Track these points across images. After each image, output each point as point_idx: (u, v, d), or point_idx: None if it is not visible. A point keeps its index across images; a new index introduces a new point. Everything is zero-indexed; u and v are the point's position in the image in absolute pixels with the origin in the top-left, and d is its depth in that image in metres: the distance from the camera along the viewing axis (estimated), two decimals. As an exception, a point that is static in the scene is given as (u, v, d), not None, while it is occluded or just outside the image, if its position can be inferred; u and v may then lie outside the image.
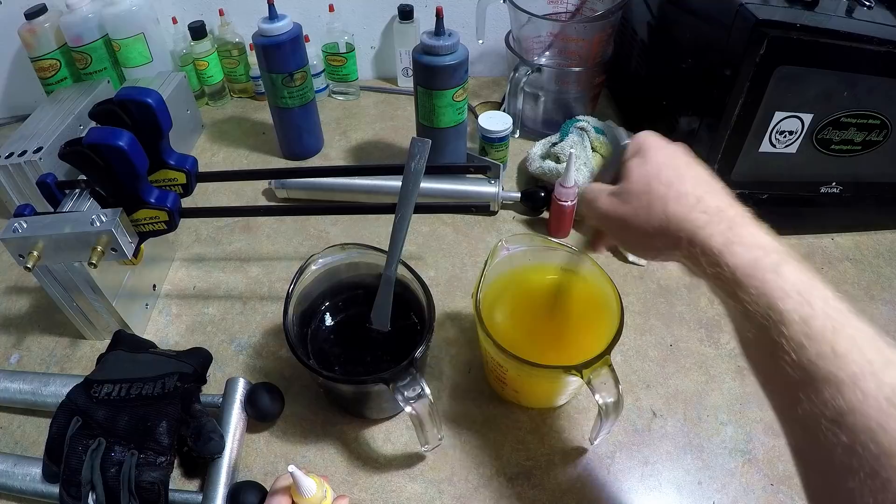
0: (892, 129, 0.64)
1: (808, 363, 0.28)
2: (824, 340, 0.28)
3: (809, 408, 0.28)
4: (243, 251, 0.74)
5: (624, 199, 0.37)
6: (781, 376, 0.30)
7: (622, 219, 0.36)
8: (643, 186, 0.36)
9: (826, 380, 0.28)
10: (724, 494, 0.51)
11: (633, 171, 0.37)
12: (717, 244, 0.32)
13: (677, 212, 0.34)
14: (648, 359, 0.61)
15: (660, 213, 0.34)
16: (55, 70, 0.88)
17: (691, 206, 0.34)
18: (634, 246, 0.38)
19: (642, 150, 0.38)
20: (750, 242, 0.32)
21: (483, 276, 0.52)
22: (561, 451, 0.54)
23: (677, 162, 0.37)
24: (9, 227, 0.51)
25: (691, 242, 0.33)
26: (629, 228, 0.36)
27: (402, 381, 0.46)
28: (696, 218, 0.33)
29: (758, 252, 0.31)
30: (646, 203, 0.35)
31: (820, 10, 0.59)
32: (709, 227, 0.33)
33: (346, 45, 0.97)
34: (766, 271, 0.30)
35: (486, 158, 0.81)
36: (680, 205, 0.34)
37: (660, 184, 0.35)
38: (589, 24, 0.82)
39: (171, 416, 0.50)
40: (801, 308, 0.29)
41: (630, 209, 0.36)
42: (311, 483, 0.42)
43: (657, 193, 0.35)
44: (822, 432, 0.27)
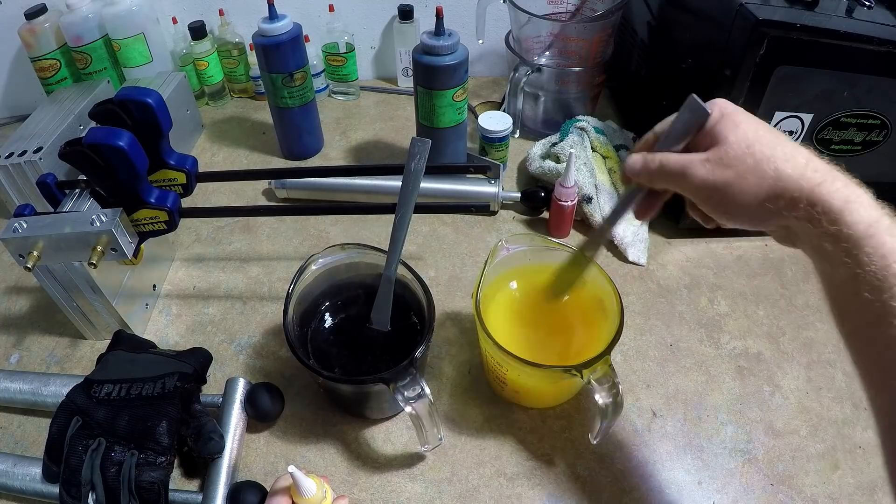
0: (892, 129, 0.64)
1: None
2: None
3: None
4: (243, 251, 0.74)
5: (725, 164, 0.34)
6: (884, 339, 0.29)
7: (726, 184, 0.34)
8: (744, 149, 0.34)
9: None
10: (724, 494, 0.51)
11: (727, 135, 0.35)
12: (839, 201, 0.31)
13: (790, 171, 0.33)
14: (648, 359, 0.61)
15: (771, 173, 0.33)
16: (55, 70, 0.88)
17: (804, 166, 0.33)
18: (738, 214, 0.35)
19: (727, 116, 0.36)
20: (866, 202, 0.32)
21: (483, 276, 0.52)
22: (561, 451, 0.54)
23: (769, 127, 0.35)
24: (9, 227, 0.51)
25: (811, 201, 0.32)
26: (734, 194, 0.34)
27: (402, 381, 0.46)
28: (811, 177, 0.32)
29: (875, 213, 0.31)
30: (752, 165, 0.33)
31: (820, 10, 0.59)
32: (825, 184, 0.32)
33: (346, 45, 0.97)
34: (884, 232, 0.30)
35: (486, 158, 0.81)
36: (791, 165, 0.33)
37: (763, 146, 0.34)
38: (589, 24, 0.82)
39: (171, 416, 0.50)
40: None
41: (734, 173, 0.34)
42: (311, 483, 0.42)
43: (762, 155, 0.33)
44: None
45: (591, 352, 0.47)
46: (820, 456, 0.53)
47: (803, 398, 0.57)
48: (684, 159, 0.36)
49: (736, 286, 0.68)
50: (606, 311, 0.53)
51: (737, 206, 0.34)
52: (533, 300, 0.57)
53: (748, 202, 0.34)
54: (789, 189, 0.33)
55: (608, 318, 0.53)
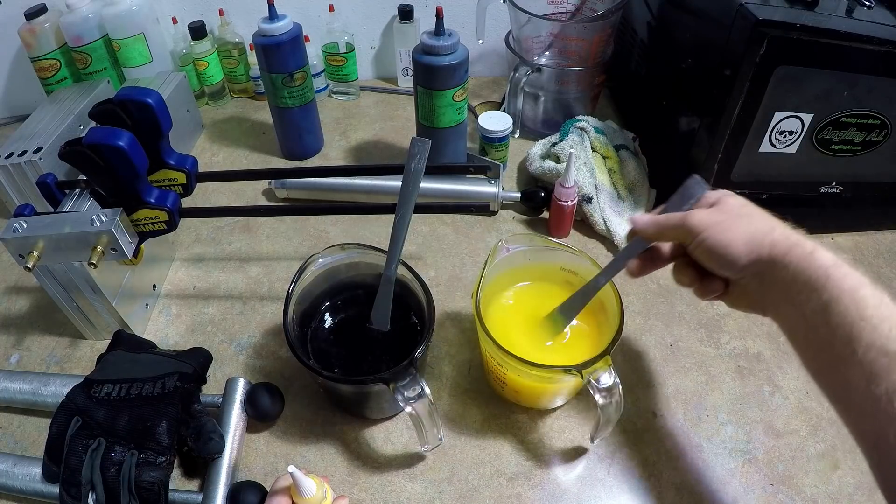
0: (892, 129, 0.64)
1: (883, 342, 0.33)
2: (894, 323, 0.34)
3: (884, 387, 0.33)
4: (243, 251, 0.74)
5: (721, 212, 0.42)
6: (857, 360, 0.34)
7: (719, 222, 0.41)
8: (739, 207, 0.43)
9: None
10: (724, 494, 0.51)
11: (726, 199, 0.44)
12: (810, 246, 0.39)
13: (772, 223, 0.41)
14: (648, 359, 0.61)
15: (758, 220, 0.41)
16: (55, 70, 0.88)
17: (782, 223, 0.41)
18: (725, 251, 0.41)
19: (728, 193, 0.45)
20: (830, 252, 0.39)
21: (483, 276, 0.52)
22: (561, 451, 0.54)
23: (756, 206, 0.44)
24: (9, 227, 0.51)
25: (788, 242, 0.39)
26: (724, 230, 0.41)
27: (402, 381, 0.46)
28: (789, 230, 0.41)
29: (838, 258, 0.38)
30: (743, 215, 0.42)
31: (820, 10, 0.59)
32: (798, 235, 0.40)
33: (346, 45, 0.97)
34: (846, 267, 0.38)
35: (486, 158, 0.81)
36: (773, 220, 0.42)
37: (753, 209, 0.43)
38: (589, 24, 0.82)
39: (171, 416, 0.50)
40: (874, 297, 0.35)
41: (727, 216, 0.42)
42: (311, 483, 0.42)
43: (754, 212, 0.42)
44: None
45: (591, 352, 0.47)
46: (820, 456, 0.53)
47: (803, 398, 0.57)
48: (685, 213, 0.44)
49: (736, 286, 0.68)
50: (606, 312, 0.53)
51: (725, 242, 0.41)
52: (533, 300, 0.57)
53: (735, 238, 0.41)
54: (771, 232, 0.40)
55: (608, 318, 0.53)
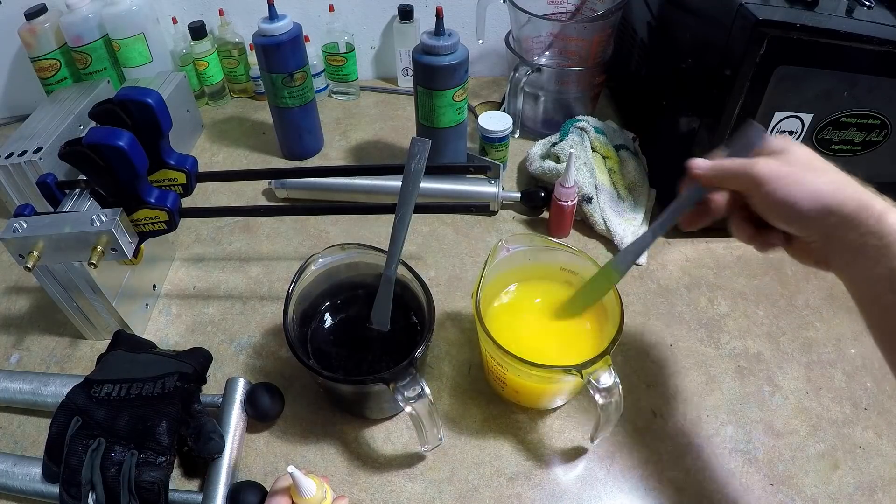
0: (892, 129, 0.64)
1: None
2: None
3: None
4: (243, 251, 0.74)
5: (788, 163, 0.39)
6: None
7: (788, 174, 0.38)
8: (804, 159, 0.39)
9: None
10: (724, 494, 0.51)
11: (790, 148, 0.40)
12: (882, 205, 0.36)
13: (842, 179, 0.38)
14: (648, 359, 0.61)
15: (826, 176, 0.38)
16: (55, 70, 0.88)
17: (853, 180, 0.38)
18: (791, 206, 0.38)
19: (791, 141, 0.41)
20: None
21: (483, 276, 0.52)
22: (561, 451, 0.54)
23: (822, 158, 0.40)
24: (9, 227, 0.51)
25: (859, 202, 0.36)
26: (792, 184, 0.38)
27: (402, 381, 0.46)
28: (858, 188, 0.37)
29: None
30: (810, 168, 0.38)
31: (820, 10, 0.59)
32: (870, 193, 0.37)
33: (346, 45, 0.97)
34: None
35: (486, 158, 0.81)
36: (842, 176, 0.38)
37: (820, 161, 0.39)
38: (589, 24, 0.82)
39: (171, 416, 0.50)
40: None
41: (795, 169, 0.38)
42: (311, 484, 0.42)
43: (821, 164, 0.39)
44: None
45: (591, 352, 0.47)
46: (820, 456, 0.53)
47: (803, 398, 0.57)
48: (749, 160, 0.41)
49: (736, 286, 0.68)
50: (606, 311, 0.53)
51: (791, 198, 0.38)
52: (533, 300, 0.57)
53: (803, 194, 0.37)
54: (842, 189, 0.37)
55: (608, 318, 0.53)
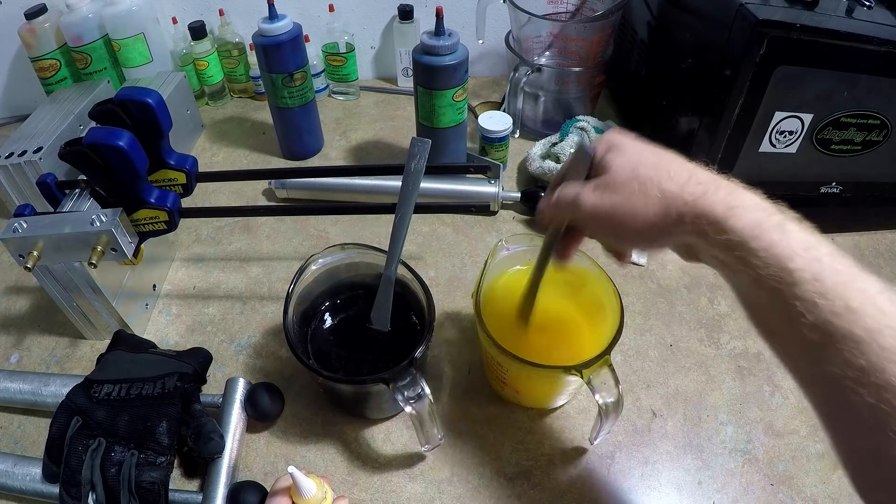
0: (892, 129, 0.64)
1: (825, 322, 0.28)
2: (837, 296, 0.28)
3: (831, 369, 0.28)
4: (243, 251, 0.74)
5: (612, 189, 0.35)
6: (799, 340, 0.29)
7: (614, 209, 0.35)
8: (629, 173, 0.35)
9: (844, 338, 0.28)
10: (724, 494, 0.51)
11: (612, 162, 0.36)
12: (721, 210, 0.31)
13: (673, 188, 0.33)
14: (648, 359, 0.61)
15: (655, 193, 0.33)
16: (55, 70, 0.88)
17: (685, 181, 0.33)
18: (631, 236, 0.36)
19: (614, 146, 0.37)
20: (750, 205, 0.32)
21: (483, 276, 0.52)
22: (561, 451, 0.54)
23: (654, 149, 0.36)
24: (9, 227, 0.51)
25: (695, 214, 0.32)
26: (624, 217, 0.35)
27: (402, 381, 0.46)
28: (693, 190, 0.33)
29: (760, 213, 0.31)
30: (636, 188, 0.34)
31: (820, 10, 0.59)
32: (707, 195, 0.32)
33: (346, 45, 0.97)
34: (771, 231, 0.30)
35: (486, 158, 0.81)
36: (673, 182, 0.33)
37: (646, 167, 0.34)
38: (589, 24, 0.82)
39: (171, 416, 0.50)
40: (810, 266, 0.29)
41: (621, 197, 0.35)
42: (311, 484, 0.42)
43: (646, 176, 0.34)
44: (846, 393, 0.27)
45: (591, 352, 0.47)
46: (820, 456, 0.53)
47: (803, 398, 0.57)
48: (576, 188, 0.37)
49: (736, 286, 0.68)
50: (606, 311, 0.53)
51: (627, 230, 0.35)
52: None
53: (637, 224, 0.34)
54: (674, 205, 0.33)
55: (608, 318, 0.52)
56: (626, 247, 0.38)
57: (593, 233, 0.39)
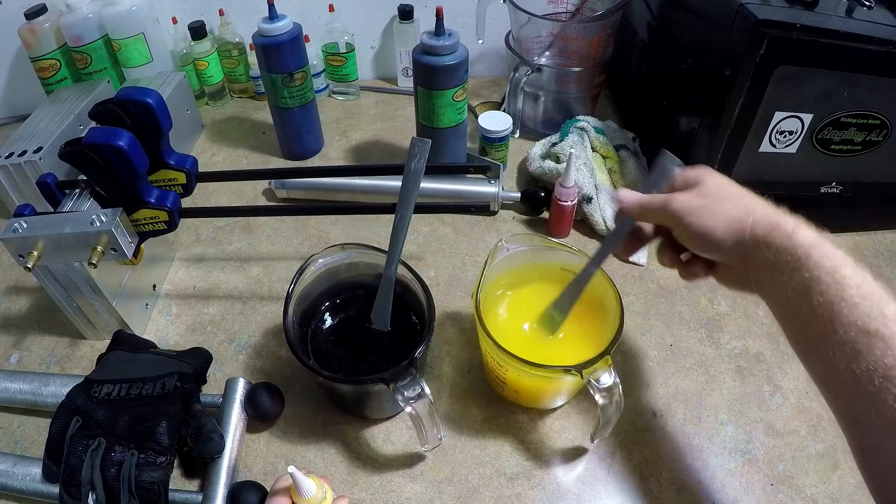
0: (892, 129, 0.64)
1: (862, 321, 0.33)
2: (875, 304, 0.34)
3: (861, 366, 0.33)
4: (243, 251, 0.74)
5: (702, 196, 0.42)
6: (837, 339, 0.34)
7: (702, 206, 0.41)
8: (718, 188, 0.42)
9: (877, 335, 0.33)
10: (724, 494, 0.51)
11: (705, 179, 0.43)
12: (791, 224, 0.39)
13: (753, 204, 0.41)
14: (648, 359, 0.61)
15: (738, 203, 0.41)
16: (55, 70, 0.88)
17: (764, 205, 0.41)
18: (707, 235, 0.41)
19: (708, 171, 0.45)
20: (812, 230, 0.39)
21: (483, 276, 0.52)
22: (561, 451, 0.54)
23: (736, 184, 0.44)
24: (9, 227, 0.51)
25: (769, 223, 0.39)
26: (707, 216, 0.41)
27: (402, 381, 0.46)
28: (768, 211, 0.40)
29: (818, 234, 0.38)
30: (724, 197, 0.42)
31: (820, 10, 0.59)
32: (780, 215, 0.40)
33: (346, 45, 0.97)
34: (828, 246, 0.37)
35: (486, 158, 0.81)
36: (754, 200, 0.41)
37: (733, 187, 0.43)
38: (589, 24, 0.82)
39: (171, 416, 0.50)
40: (855, 276, 0.35)
41: (710, 201, 0.42)
42: (311, 484, 0.42)
43: (732, 192, 0.42)
44: (876, 389, 0.32)
45: (591, 352, 0.47)
46: (820, 456, 0.53)
47: (803, 398, 0.57)
48: (667, 197, 0.44)
49: (736, 286, 0.68)
50: (606, 311, 0.53)
51: (707, 229, 0.41)
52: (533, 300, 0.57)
53: (718, 224, 0.41)
54: (751, 216, 0.40)
55: (608, 318, 0.53)
56: (700, 249, 0.43)
57: (677, 230, 0.44)
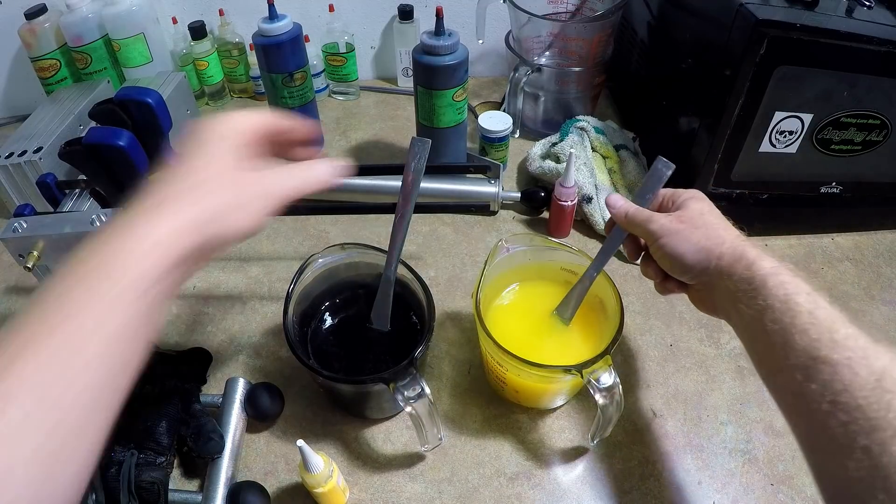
0: (892, 129, 0.64)
1: (811, 346, 0.35)
2: (825, 329, 0.35)
3: (812, 390, 0.34)
4: (243, 251, 0.74)
5: (680, 220, 0.46)
6: (790, 364, 0.36)
7: (677, 231, 0.45)
8: (698, 215, 0.46)
9: (825, 361, 0.34)
10: (724, 494, 0.51)
11: (690, 205, 0.47)
12: (753, 255, 0.42)
13: (725, 235, 0.45)
14: (648, 359, 0.61)
15: (711, 233, 0.45)
16: (55, 70, 0.88)
17: (735, 235, 0.45)
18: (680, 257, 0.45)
19: (696, 197, 0.48)
20: (772, 258, 0.42)
21: (483, 276, 0.52)
22: (561, 451, 0.54)
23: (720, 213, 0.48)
24: (9, 227, 0.52)
25: (733, 254, 0.42)
26: (680, 240, 0.45)
27: (402, 380, 0.46)
28: (738, 242, 0.44)
29: (778, 264, 0.41)
30: (699, 225, 0.45)
31: (820, 10, 0.59)
32: (747, 247, 0.43)
33: (346, 45, 0.97)
34: (786, 274, 0.40)
35: (486, 158, 0.81)
36: (727, 232, 0.45)
37: (712, 217, 0.46)
38: (589, 24, 0.82)
39: (170, 415, 0.50)
40: (808, 303, 0.37)
41: (685, 226, 0.46)
42: (319, 460, 0.43)
43: (710, 222, 0.46)
44: (824, 414, 0.33)
45: (591, 352, 0.47)
46: (820, 456, 0.53)
47: (803, 398, 0.57)
48: (653, 213, 0.48)
49: (736, 286, 0.68)
50: (606, 311, 0.53)
51: (677, 252, 0.45)
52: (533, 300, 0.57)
53: (688, 250, 0.45)
54: (721, 246, 0.43)
55: (608, 318, 0.53)
56: (670, 269, 0.47)
57: (653, 249, 0.47)
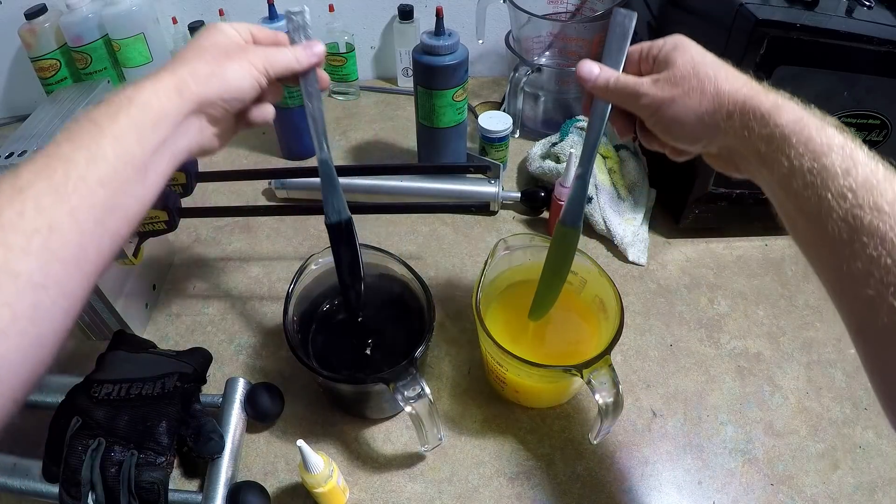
0: (892, 129, 0.64)
1: (851, 216, 0.29)
2: (867, 193, 0.29)
3: (857, 269, 0.28)
4: (243, 251, 0.74)
5: (672, 83, 0.38)
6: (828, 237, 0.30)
7: (671, 100, 0.38)
8: (690, 70, 0.38)
9: (870, 232, 0.28)
10: (724, 494, 0.51)
11: (676, 59, 0.39)
12: (768, 106, 0.34)
13: (728, 88, 0.37)
14: (648, 359, 0.61)
15: (711, 91, 0.37)
16: (55, 70, 0.88)
17: (741, 84, 0.37)
18: (679, 129, 0.39)
19: (679, 45, 0.40)
20: (794, 106, 0.34)
21: (483, 276, 0.52)
22: (561, 451, 0.54)
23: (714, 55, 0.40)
24: (9, 227, 0.51)
25: (744, 110, 0.35)
26: (677, 110, 0.38)
27: (402, 380, 0.46)
28: (746, 91, 0.36)
29: (802, 113, 0.34)
30: (696, 84, 0.37)
31: (820, 10, 0.59)
32: (758, 96, 0.35)
33: (346, 45, 0.97)
34: (811, 128, 0.32)
35: (486, 158, 0.81)
36: (729, 83, 0.37)
37: (707, 67, 0.38)
38: (589, 24, 0.82)
39: (170, 416, 0.50)
40: (844, 162, 0.30)
41: (679, 91, 0.38)
42: (319, 460, 0.43)
43: (706, 75, 0.38)
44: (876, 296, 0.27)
45: (591, 352, 0.47)
46: (820, 456, 0.53)
47: (803, 398, 0.57)
48: (637, 80, 0.40)
49: (736, 286, 0.68)
50: (606, 311, 0.53)
51: (679, 123, 0.38)
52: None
53: (689, 118, 0.38)
54: (726, 103, 0.36)
55: (608, 318, 0.53)
56: (676, 142, 0.40)
57: (649, 125, 0.41)
